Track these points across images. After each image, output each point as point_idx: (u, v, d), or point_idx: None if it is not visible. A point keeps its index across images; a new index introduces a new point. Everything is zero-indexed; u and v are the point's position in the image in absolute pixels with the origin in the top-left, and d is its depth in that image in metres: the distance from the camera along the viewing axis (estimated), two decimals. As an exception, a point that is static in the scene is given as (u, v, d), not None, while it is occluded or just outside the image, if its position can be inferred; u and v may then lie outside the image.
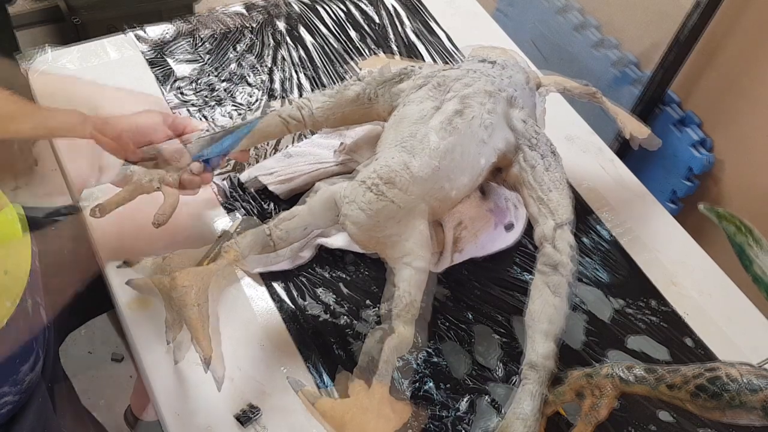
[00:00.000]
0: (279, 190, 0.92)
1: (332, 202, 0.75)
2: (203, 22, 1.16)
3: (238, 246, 0.71)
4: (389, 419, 0.67)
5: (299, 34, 1.17)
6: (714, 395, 0.59)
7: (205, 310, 0.69)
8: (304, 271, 0.87)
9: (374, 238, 0.73)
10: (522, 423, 0.66)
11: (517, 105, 0.81)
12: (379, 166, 0.72)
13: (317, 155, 0.94)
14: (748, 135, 1.35)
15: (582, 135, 1.11)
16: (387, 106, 0.83)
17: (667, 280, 0.94)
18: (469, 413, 0.78)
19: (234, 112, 1.03)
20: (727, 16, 1.32)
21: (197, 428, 0.73)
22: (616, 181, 1.06)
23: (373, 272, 0.88)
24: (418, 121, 0.76)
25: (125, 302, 0.81)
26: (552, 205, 0.75)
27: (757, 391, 0.57)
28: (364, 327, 0.83)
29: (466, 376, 0.81)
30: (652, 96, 1.43)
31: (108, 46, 1.10)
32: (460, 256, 0.89)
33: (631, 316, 0.90)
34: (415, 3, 1.27)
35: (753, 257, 0.61)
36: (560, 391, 0.70)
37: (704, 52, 1.38)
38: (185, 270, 0.69)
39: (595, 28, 1.59)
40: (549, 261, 0.72)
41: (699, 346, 0.88)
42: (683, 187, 1.42)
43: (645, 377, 0.65)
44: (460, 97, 0.78)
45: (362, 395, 0.65)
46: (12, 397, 0.72)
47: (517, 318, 0.85)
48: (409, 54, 1.17)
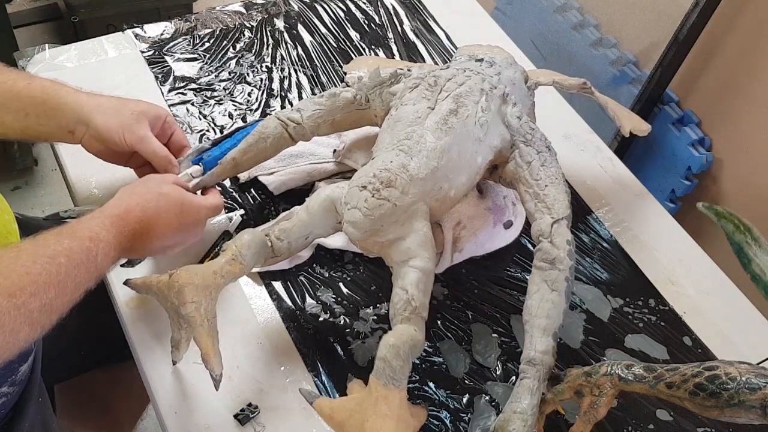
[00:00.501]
0: (274, 185, 0.92)
1: (332, 207, 0.75)
2: (202, 20, 1.16)
3: (244, 260, 0.71)
4: (409, 424, 0.67)
5: (298, 32, 1.17)
6: (712, 394, 0.59)
7: (214, 325, 0.69)
8: (303, 270, 0.87)
9: (378, 242, 0.73)
10: (520, 418, 0.66)
11: (511, 101, 0.81)
12: (378, 169, 0.72)
13: (317, 154, 0.94)
14: (746, 134, 1.35)
15: (580, 133, 1.11)
16: (380, 109, 0.83)
17: (665, 279, 0.94)
18: (467, 412, 0.78)
19: (233, 111, 1.03)
20: (726, 15, 1.32)
21: (196, 427, 0.73)
22: (614, 180, 1.06)
23: (372, 271, 0.88)
24: (413, 122, 0.76)
25: (124, 301, 0.81)
26: (548, 201, 0.75)
27: (755, 390, 0.57)
28: (363, 326, 0.83)
29: (464, 374, 0.81)
30: (650, 95, 1.43)
31: (106, 45, 1.10)
32: (460, 256, 0.89)
33: (630, 315, 0.90)
34: (414, 2, 1.27)
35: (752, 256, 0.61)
36: (559, 390, 0.70)
37: (703, 51, 1.39)
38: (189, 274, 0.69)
39: (594, 27, 1.59)
40: (546, 257, 0.73)
41: (697, 344, 0.88)
42: (682, 186, 1.42)
43: (644, 376, 0.65)
44: (454, 96, 0.78)
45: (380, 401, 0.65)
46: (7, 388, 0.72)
47: (516, 317, 0.85)
48: (408, 53, 1.17)
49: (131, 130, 0.80)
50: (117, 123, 0.80)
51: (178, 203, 0.74)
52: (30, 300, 0.56)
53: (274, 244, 0.75)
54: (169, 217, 0.72)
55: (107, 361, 1.02)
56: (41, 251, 0.59)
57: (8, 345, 0.55)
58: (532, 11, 1.70)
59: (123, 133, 0.80)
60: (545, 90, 1.04)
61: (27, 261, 0.58)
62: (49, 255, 0.59)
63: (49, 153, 1.81)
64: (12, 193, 1.90)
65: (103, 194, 0.90)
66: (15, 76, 0.80)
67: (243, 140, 0.84)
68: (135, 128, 0.81)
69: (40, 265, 0.58)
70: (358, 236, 0.72)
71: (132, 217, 0.69)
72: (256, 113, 1.03)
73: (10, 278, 0.55)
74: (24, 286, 0.56)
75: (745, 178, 1.36)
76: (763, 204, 1.33)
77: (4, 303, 0.54)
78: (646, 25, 1.51)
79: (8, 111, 0.78)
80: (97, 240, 0.64)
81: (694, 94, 1.45)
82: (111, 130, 0.80)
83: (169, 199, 0.73)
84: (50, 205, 1.87)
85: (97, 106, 0.81)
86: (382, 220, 0.71)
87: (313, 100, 0.85)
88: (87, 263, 0.62)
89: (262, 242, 0.73)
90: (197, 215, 0.76)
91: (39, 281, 0.57)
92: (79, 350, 0.95)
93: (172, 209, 0.73)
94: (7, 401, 0.73)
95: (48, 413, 0.83)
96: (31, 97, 0.79)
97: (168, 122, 0.86)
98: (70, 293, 0.61)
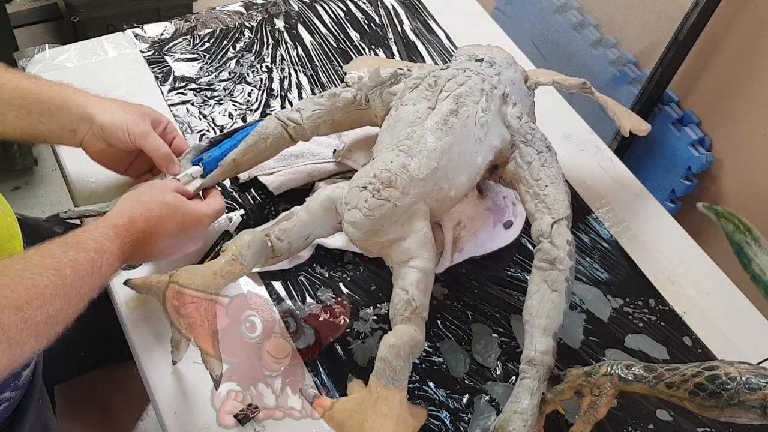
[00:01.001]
0: (274, 185, 0.92)
1: (332, 207, 0.75)
2: (202, 20, 1.16)
3: (244, 260, 0.71)
4: (408, 424, 0.67)
5: (298, 32, 1.17)
6: (712, 394, 0.59)
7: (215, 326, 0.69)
8: (303, 270, 0.87)
9: (378, 243, 0.73)
10: (520, 418, 0.67)
11: (511, 101, 0.81)
12: (378, 169, 0.72)
13: (317, 154, 0.94)
14: (746, 134, 1.35)
15: (580, 133, 1.11)
16: (380, 109, 0.83)
17: (665, 279, 0.94)
18: (467, 412, 0.78)
19: (233, 111, 1.03)
20: (726, 15, 1.32)
21: (196, 427, 0.73)
22: (614, 180, 1.06)
23: (372, 271, 0.88)
24: (414, 123, 0.76)
25: (124, 301, 0.81)
26: (548, 201, 0.75)
27: (755, 390, 0.57)
28: (363, 326, 0.83)
29: (464, 374, 0.81)
30: (650, 95, 1.43)
31: (106, 45, 1.10)
32: (460, 256, 0.89)
33: (630, 315, 0.90)
34: (414, 2, 1.27)
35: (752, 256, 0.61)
36: (559, 390, 0.70)
37: (703, 51, 1.39)
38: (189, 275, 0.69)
39: (594, 27, 1.59)
40: (546, 257, 0.73)
41: (697, 344, 0.88)
42: (682, 186, 1.42)
43: (644, 376, 0.65)
44: (454, 96, 0.78)
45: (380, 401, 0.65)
46: (10, 392, 0.72)
47: (516, 317, 0.85)
48: (408, 53, 1.17)
49: (135, 125, 0.81)
50: (121, 119, 0.81)
51: (180, 212, 0.74)
52: (36, 313, 0.56)
53: (274, 244, 0.75)
54: (171, 226, 0.73)
55: (107, 361, 1.02)
56: (47, 262, 0.60)
57: (15, 357, 0.55)
58: (532, 11, 1.70)
59: (127, 128, 0.81)
60: (545, 90, 1.04)
61: (33, 273, 0.58)
62: (55, 267, 0.60)
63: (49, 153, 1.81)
64: (12, 193, 1.90)
65: (103, 194, 0.90)
66: (19, 75, 0.81)
67: (243, 141, 0.84)
68: (139, 124, 0.82)
69: (47, 278, 0.58)
70: (358, 236, 0.72)
71: (135, 228, 0.69)
72: (256, 113, 1.03)
73: (17, 291, 0.56)
74: (31, 299, 0.56)
75: (745, 178, 1.36)
76: (763, 204, 1.33)
77: (11, 316, 0.54)
78: (646, 25, 1.51)
79: (11, 108, 0.79)
80: (102, 251, 0.64)
81: (694, 94, 1.45)
82: (115, 125, 0.80)
83: (171, 208, 0.73)
84: (50, 205, 1.87)
85: (101, 104, 0.82)
86: (383, 220, 0.71)
87: (312, 100, 0.85)
88: (92, 274, 0.63)
89: (262, 242, 0.73)
90: (198, 222, 0.77)
91: (45, 294, 0.57)
92: (80, 351, 0.95)
93: (174, 218, 0.73)
94: (9, 405, 0.73)
95: (48, 414, 0.83)
96: (35, 94, 0.79)
97: (169, 128, 0.87)
98: (75, 304, 0.61)
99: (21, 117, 0.79)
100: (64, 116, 0.80)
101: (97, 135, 0.81)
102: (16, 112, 0.79)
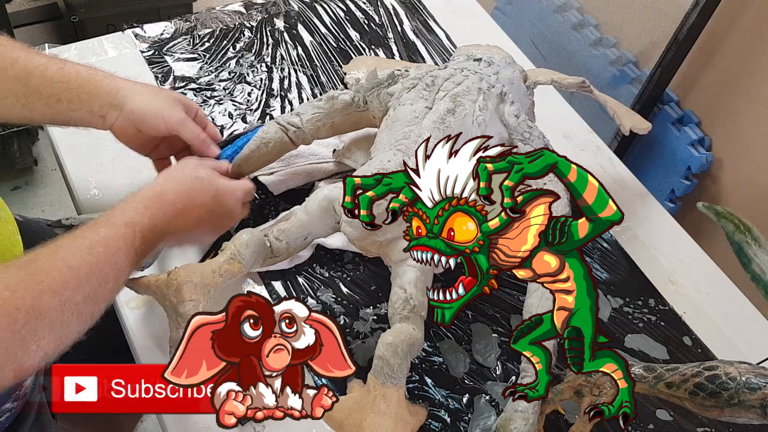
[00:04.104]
0: (274, 185, 0.92)
1: (330, 207, 0.75)
2: (202, 20, 1.16)
3: (242, 259, 0.71)
4: (407, 423, 0.67)
5: (298, 32, 1.17)
6: (712, 394, 0.59)
7: None
8: (303, 270, 0.87)
9: (376, 242, 0.73)
10: (522, 417, 0.67)
11: (508, 100, 0.81)
12: (375, 168, 0.72)
13: (317, 154, 0.94)
14: (746, 134, 1.35)
15: (580, 133, 1.11)
16: (378, 110, 0.83)
17: (665, 278, 0.94)
18: (467, 412, 0.78)
19: (233, 111, 1.03)
20: (725, 15, 1.32)
21: (196, 427, 0.73)
22: (614, 180, 1.06)
23: (371, 271, 0.88)
24: (411, 122, 0.76)
25: (124, 301, 0.81)
26: (548, 200, 0.75)
27: (755, 390, 0.57)
28: (363, 326, 0.83)
29: (464, 374, 0.81)
30: (650, 95, 1.43)
31: (106, 45, 1.10)
32: (458, 255, 0.88)
33: (630, 314, 0.90)
34: (414, 2, 1.27)
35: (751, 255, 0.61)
36: (559, 390, 0.70)
37: (703, 51, 1.39)
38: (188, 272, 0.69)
39: (594, 26, 1.59)
40: (546, 257, 0.72)
41: (697, 344, 0.88)
42: (682, 185, 1.42)
43: (644, 376, 0.65)
44: (451, 95, 0.78)
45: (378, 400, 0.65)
46: (11, 404, 0.72)
47: (516, 316, 0.85)
48: (408, 53, 1.17)
49: (171, 112, 0.80)
50: (156, 106, 0.79)
51: (213, 185, 0.73)
52: (74, 293, 0.56)
53: (272, 244, 0.75)
54: (203, 199, 0.72)
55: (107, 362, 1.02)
56: (79, 243, 0.60)
57: (61, 339, 0.56)
58: (532, 11, 1.70)
59: (162, 116, 0.79)
60: (545, 90, 1.04)
61: (66, 255, 0.58)
62: (87, 246, 0.60)
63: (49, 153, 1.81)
64: (12, 193, 1.90)
65: (103, 194, 0.90)
66: (45, 61, 0.79)
67: (245, 146, 0.84)
68: (175, 111, 0.80)
69: (80, 257, 0.58)
70: (356, 236, 0.72)
71: (166, 200, 0.69)
72: (256, 113, 1.03)
73: (52, 275, 0.56)
74: (66, 280, 0.56)
75: (745, 178, 1.36)
76: (763, 204, 1.33)
77: (51, 301, 0.54)
78: (645, 25, 1.51)
79: (39, 97, 0.77)
80: (133, 225, 0.64)
81: (693, 94, 1.45)
82: (148, 113, 0.79)
83: (204, 182, 0.73)
84: (50, 205, 1.87)
85: (133, 89, 0.80)
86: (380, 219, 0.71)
87: (311, 104, 0.85)
88: (126, 249, 0.62)
89: (260, 242, 0.73)
90: (232, 197, 0.76)
91: (80, 274, 0.58)
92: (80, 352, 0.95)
93: (207, 191, 0.73)
94: (10, 416, 0.73)
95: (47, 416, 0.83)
96: (64, 82, 0.78)
97: (200, 116, 0.85)
98: (113, 280, 0.61)
99: (50, 105, 0.77)
100: (93, 103, 0.78)
101: (128, 121, 0.79)
102: (45, 101, 0.77)
